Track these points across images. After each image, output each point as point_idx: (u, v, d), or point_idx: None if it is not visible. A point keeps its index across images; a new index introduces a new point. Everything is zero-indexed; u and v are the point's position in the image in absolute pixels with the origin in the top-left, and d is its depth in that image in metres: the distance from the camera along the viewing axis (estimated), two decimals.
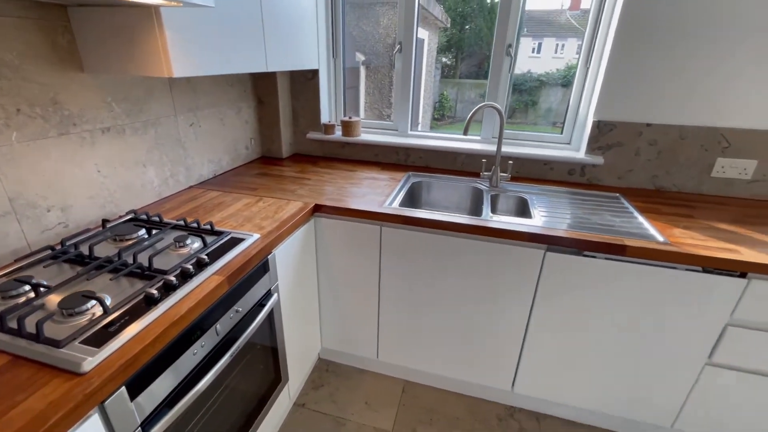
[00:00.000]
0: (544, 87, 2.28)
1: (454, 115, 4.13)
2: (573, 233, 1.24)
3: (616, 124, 1.63)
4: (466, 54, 3.93)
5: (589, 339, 1.35)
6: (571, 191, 1.66)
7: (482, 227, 1.28)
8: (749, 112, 1.48)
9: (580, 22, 1.80)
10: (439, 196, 1.81)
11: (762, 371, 1.22)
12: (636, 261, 1.20)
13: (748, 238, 1.24)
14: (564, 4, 2.25)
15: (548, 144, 1.87)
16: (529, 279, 1.32)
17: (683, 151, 1.59)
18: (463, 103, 3.14)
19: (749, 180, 1.57)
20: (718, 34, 1.41)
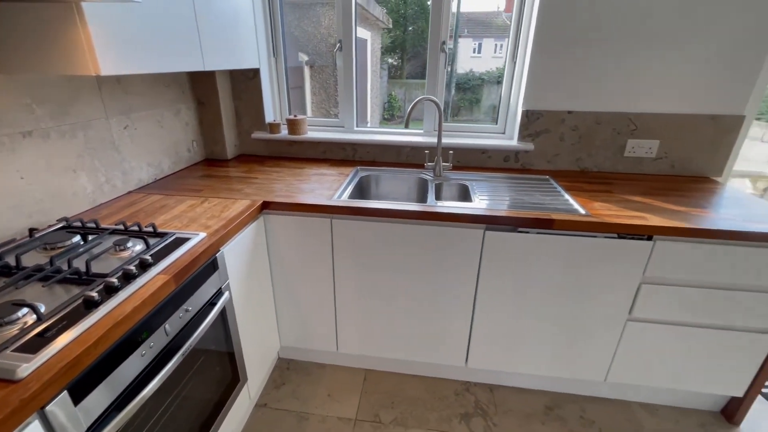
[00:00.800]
0: (485, 85, 2.42)
1: (404, 115, 4.23)
2: (508, 212, 1.35)
3: (542, 112, 1.79)
4: (410, 55, 4.05)
5: (528, 308, 1.47)
6: (507, 176, 1.79)
7: (426, 212, 1.36)
8: (651, 98, 1.69)
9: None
10: (387, 188, 1.88)
11: (673, 321, 1.41)
12: (563, 233, 1.33)
13: (654, 207, 1.42)
14: (500, 6, 2.41)
15: (485, 134, 2.00)
16: (472, 257, 1.41)
17: (599, 134, 1.78)
18: (411, 103, 3.24)
19: (654, 158, 1.79)
20: (624, 32, 1.60)
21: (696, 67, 1.62)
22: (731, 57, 1.59)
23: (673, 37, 1.58)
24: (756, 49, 1.56)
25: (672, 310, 1.39)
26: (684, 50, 1.60)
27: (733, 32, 1.55)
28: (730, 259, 1.27)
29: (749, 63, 1.59)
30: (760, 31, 1.54)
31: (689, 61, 1.61)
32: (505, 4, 2.11)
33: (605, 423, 1.55)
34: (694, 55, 1.60)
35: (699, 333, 1.40)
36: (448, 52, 1.87)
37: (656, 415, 1.58)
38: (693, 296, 1.35)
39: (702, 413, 1.59)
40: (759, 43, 1.55)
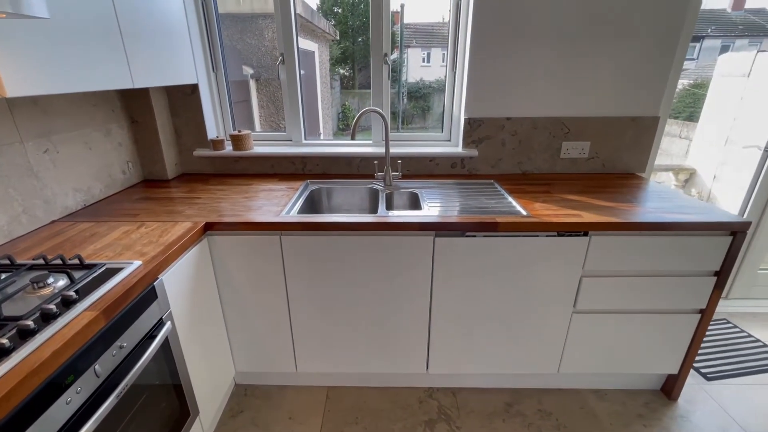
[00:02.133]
0: (435, 93, 2.47)
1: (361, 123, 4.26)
2: (455, 218, 1.39)
3: (483, 120, 1.86)
4: (361, 65, 4.07)
5: (481, 309, 1.51)
6: (455, 182, 1.84)
7: (377, 223, 1.36)
8: (580, 103, 1.82)
9: None
10: (339, 200, 1.87)
11: (612, 309, 1.50)
12: (507, 234, 1.39)
13: (588, 205, 1.52)
14: (444, 17, 2.49)
15: (432, 142, 2.05)
16: (424, 264, 1.43)
17: (537, 138, 1.89)
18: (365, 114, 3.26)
19: (587, 158, 1.92)
20: (552, 42, 1.71)
21: (616, 74, 1.77)
22: (644, 65, 1.75)
23: (595, 48, 1.72)
24: (664, 58, 1.74)
25: (610, 299, 1.48)
26: (605, 59, 1.74)
27: (644, 44, 1.71)
28: (655, 248, 1.39)
29: (659, 70, 1.76)
30: (665, 43, 1.71)
31: (610, 69, 1.76)
32: (449, 15, 2.19)
33: (561, 413, 1.61)
34: (613, 63, 1.75)
35: (635, 318, 1.51)
36: (392, 63, 1.90)
37: (606, 399, 1.68)
38: (627, 285, 1.45)
39: (645, 393, 1.71)
40: (665, 54, 1.73)
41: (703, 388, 1.73)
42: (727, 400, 1.67)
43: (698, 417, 1.59)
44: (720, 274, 1.43)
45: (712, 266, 1.42)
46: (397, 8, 2.14)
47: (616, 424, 1.56)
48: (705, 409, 1.62)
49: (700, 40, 12.38)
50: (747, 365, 1.86)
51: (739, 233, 1.36)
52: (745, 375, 1.80)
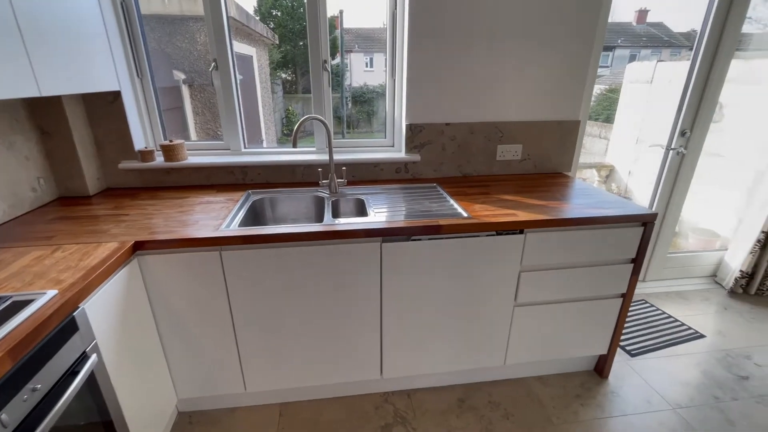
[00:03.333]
0: (380, 97, 2.48)
1: (304, 129, 4.15)
2: (401, 223, 1.41)
3: (423, 125, 1.92)
4: (304, 70, 4.00)
5: (430, 309, 1.55)
6: (399, 187, 1.87)
7: (323, 232, 1.34)
8: (511, 108, 1.94)
9: None
10: (283, 210, 1.82)
11: (549, 300, 1.62)
12: (450, 236, 1.44)
13: (523, 204, 1.62)
14: (385, 23, 2.52)
15: (376, 148, 2.07)
16: (373, 270, 1.44)
17: (474, 142, 1.98)
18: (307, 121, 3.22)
19: (520, 159, 2.06)
20: (485, 51, 1.81)
21: (542, 81, 1.91)
22: (565, 73, 1.91)
23: (523, 57, 1.85)
24: (581, 67, 1.91)
25: (546, 291, 1.59)
26: (532, 68, 1.88)
27: (565, 53, 1.87)
28: (581, 241, 1.52)
29: (578, 78, 1.93)
30: (582, 53, 1.88)
31: (536, 77, 1.90)
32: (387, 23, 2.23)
33: (509, 402, 1.70)
34: (539, 72, 1.89)
35: (568, 307, 1.64)
36: (334, 68, 1.89)
37: (548, 384, 1.80)
38: (559, 277, 1.57)
39: (581, 374, 1.86)
40: (582, 63, 1.90)
41: (629, 363, 1.92)
42: (649, 372, 1.86)
43: (626, 391, 1.76)
44: (636, 260, 1.59)
45: (629, 254, 1.58)
46: (335, 13, 2.14)
47: (558, 407, 1.68)
48: (631, 383, 1.80)
49: (612, 49, 13.81)
50: (663, 339, 2.09)
51: (649, 224, 1.53)
52: (662, 348, 2.03)
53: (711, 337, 2.12)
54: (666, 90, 3.77)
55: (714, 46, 2.09)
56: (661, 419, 1.62)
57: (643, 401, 1.70)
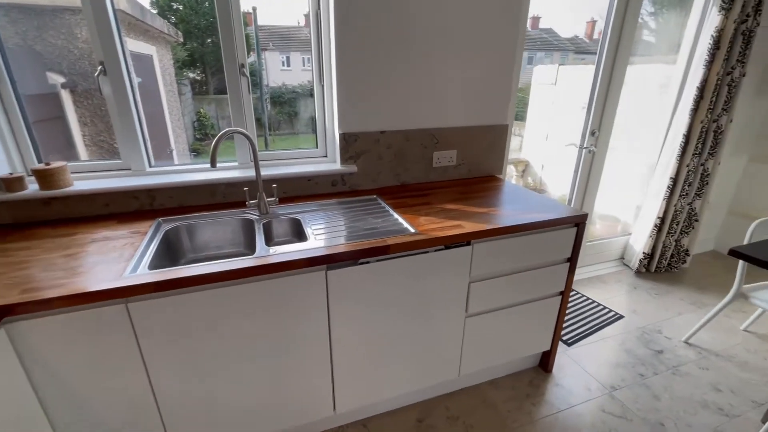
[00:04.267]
0: (301, 98, 2.28)
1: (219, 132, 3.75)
2: (346, 246, 1.29)
3: (358, 134, 1.81)
4: (215, 69, 3.59)
5: (382, 333, 1.45)
6: (337, 201, 1.74)
7: (257, 267, 1.16)
8: (444, 115, 1.92)
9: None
10: (205, 238, 1.57)
11: (497, 307, 1.62)
12: (399, 255, 1.35)
13: (465, 213, 1.59)
14: (300, 21, 2.33)
15: (308, 160, 1.91)
16: (318, 302, 1.29)
17: (410, 150, 1.93)
18: (226, 119, 2.92)
19: (456, 165, 2.05)
20: (416, 57, 1.74)
21: (472, 87, 1.92)
22: (493, 79, 1.94)
23: (454, 64, 1.83)
24: (506, 73, 1.96)
25: (494, 298, 1.60)
26: (463, 75, 1.87)
27: (492, 61, 1.90)
28: (523, 247, 1.54)
29: (503, 84, 1.98)
30: (506, 60, 1.93)
31: (467, 84, 1.90)
32: (304, 20, 2.06)
33: (467, 413, 1.68)
34: (470, 78, 1.89)
35: (515, 310, 1.66)
36: (249, 67, 1.68)
37: (500, 387, 1.82)
38: (506, 283, 1.58)
39: (528, 372, 1.91)
40: (507, 70, 1.95)
41: (567, 353, 2.03)
42: (585, 359, 1.99)
43: (568, 381, 1.85)
44: (571, 259, 1.67)
45: (565, 254, 1.65)
46: (248, 9, 1.91)
47: (512, 410, 1.70)
48: (572, 373, 1.90)
49: None
50: (592, 325, 2.26)
51: (581, 224, 1.61)
52: (592, 333, 2.19)
53: (628, 316, 2.35)
54: (568, 91, 4.16)
55: (613, 52, 2.31)
56: (602, 404, 1.73)
57: (584, 389, 1.80)
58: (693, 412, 1.69)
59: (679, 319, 2.32)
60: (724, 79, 2.36)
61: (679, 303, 2.49)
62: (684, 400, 1.75)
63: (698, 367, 1.95)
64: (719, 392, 1.80)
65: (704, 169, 2.58)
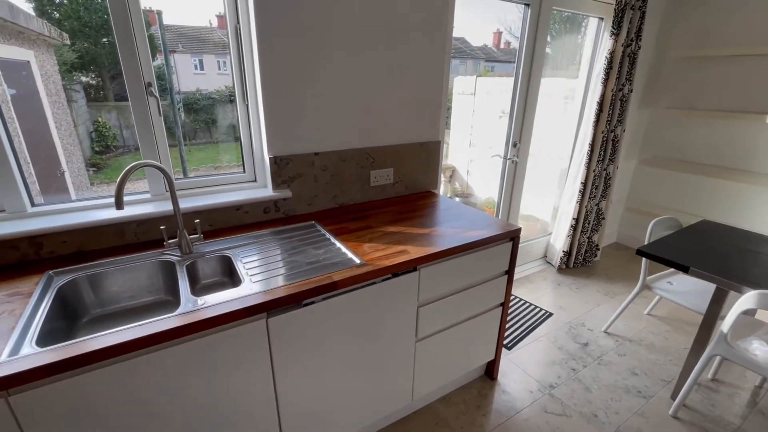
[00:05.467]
0: (219, 104, 2.09)
1: (125, 144, 3.25)
2: (287, 287, 1.17)
3: (290, 157, 1.69)
4: (114, 71, 3.16)
5: (333, 373, 1.36)
6: (272, 231, 1.60)
7: (182, 327, 0.99)
8: (378, 134, 1.89)
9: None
10: (114, 288, 1.33)
11: (444, 327, 1.62)
12: (347, 290, 1.27)
13: (408, 235, 1.57)
14: (212, 22, 2.11)
15: (235, 185, 1.73)
16: (260, 355, 1.16)
17: (347, 170, 1.86)
18: (131, 129, 2.57)
19: (393, 183, 2.03)
20: (345, 76, 1.68)
21: (404, 106, 1.91)
22: (423, 97, 1.96)
23: (385, 83, 1.80)
24: (436, 91, 1.99)
25: (442, 319, 1.60)
26: (395, 93, 1.85)
27: (421, 78, 1.91)
28: (466, 265, 1.56)
29: (434, 101, 2.01)
30: (435, 77, 1.95)
31: (399, 102, 1.89)
32: (217, 21, 1.88)
33: None
34: (401, 97, 1.88)
35: (462, 327, 1.68)
36: (157, 71, 1.47)
37: (451, 403, 1.83)
38: (452, 303, 1.59)
39: (476, 382, 1.96)
40: (437, 88, 1.98)
41: (508, 358, 2.13)
42: (524, 362, 2.10)
43: (512, 387, 1.93)
44: (509, 271, 1.74)
45: (503, 267, 1.72)
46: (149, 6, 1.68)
47: (465, 424, 1.71)
48: (515, 377, 1.99)
49: None
50: (526, 326, 2.40)
51: (516, 237, 1.68)
52: (527, 335, 2.32)
53: (556, 313, 2.54)
54: (486, 100, 4.43)
55: (528, 69, 2.48)
56: (544, 405, 1.83)
57: (527, 393, 1.90)
58: (618, 399, 1.87)
59: (597, 310, 2.58)
60: (617, 95, 2.68)
61: (595, 295, 2.77)
62: (610, 389, 1.93)
63: (617, 354, 2.17)
64: (636, 376, 2.01)
65: (606, 173, 2.91)
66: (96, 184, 3.13)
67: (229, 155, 1.97)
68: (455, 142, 5.41)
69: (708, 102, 2.88)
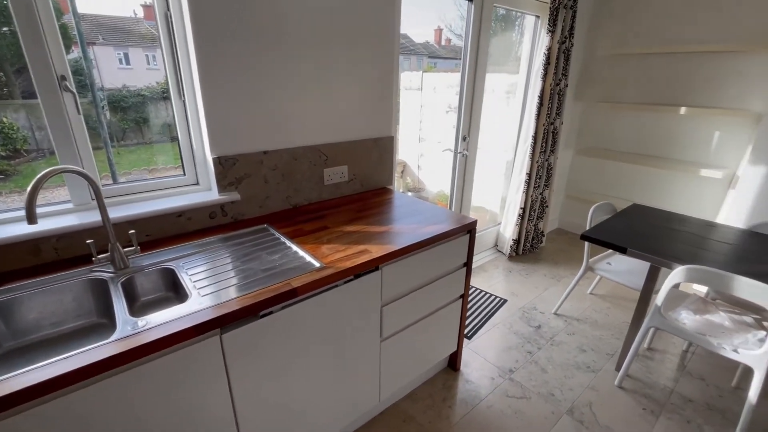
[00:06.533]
0: (150, 102, 1.91)
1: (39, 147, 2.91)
2: (242, 299, 1.08)
3: (236, 157, 1.57)
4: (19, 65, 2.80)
5: (297, 381, 1.29)
6: (220, 238, 1.48)
7: (120, 354, 0.87)
8: (331, 130, 1.82)
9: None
10: (32, 316, 1.15)
11: (408, 324, 1.61)
12: (308, 295, 1.21)
13: (368, 234, 1.53)
14: (137, 12, 1.91)
15: (175, 191, 1.58)
16: (215, 373, 1.06)
17: (299, 169, 1.77)
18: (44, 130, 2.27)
19: (348, 180, 1.98)
20: (295, 67, 1.58)
21: (355, 101, 1.86)
22: (375, 92, 1.92)
23: (335, 77, 1.73)
24: (387, 85, 1.96)
25: (406, 316, 1.58)
26: (345, 88, 1.79)
27: (372, 72, 1.86)
28: (426, 260, 1.56)
29: (386, 95, 1.98)
30: (386, 72, 1.92)
31: (350, 97, 1.83)
32: (143, 11, 1.70)
33: None
34: (352, 91, 1.82)
35: (425, 322, 1.68)
36: (72, 65, 1.29)
37: (418, 399, 1.83)
38: (415, 299, 1.58)
39: (440, 375, 1.98)
40: (387, 82, 1.95)
41: (469, 347, 2.18)
42: (484, 350, 2.16)
43: (475, 376, 1.98)
44: (467, 263, 1.77)
45: (462, 260, 1.74)
46: None
47: (432, 419, 1.72)
48: (476, 366, 2.04)
49: None
50: (484, 314, 2.47)
51: (473, 230, 1.71)
52: (485, 323, 2.39)
53: (510, 299, 2.65)
54: (432, 95, 4.50)
55: (474, 65, 2.54)
56: (506, 390, 1.89)
57: (489, 380, 1.95)
58: (571, 376, 1.99)
59: (546, 294, 2.72)
60: (555, 89, 2.83)
61: (543, 279, 2.93)
62: (563, 367, 2.04)
63: (567, 333, 2.31)
64: (584, 352, 2.16)
65: (548, 164, 3.08)
66: (5, 194, 2.76)
67: (165, 156, 1.79)
68: (405, 137, 5.45)
69: (631, 96, 3.15)
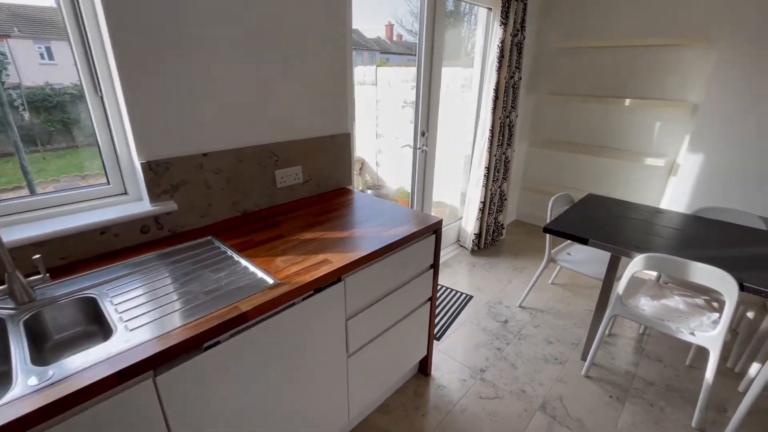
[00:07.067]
0: (79, 101, 1.63)
1: None
2: (180, 331, 0.91)
3: (170, 161, 1.36)
4: None
5: (254, 412, 1.14)
6: (156, 255, 1.28)
7: (18, 421, 0.68)
8: (281, 127, 1.65)
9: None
10: None
11: (376, 334, 1.50)
12: (262, 318, 1.06)
13: (327, 241, 1.39)
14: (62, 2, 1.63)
15: (98, 203, 1.35)
16: (149, 420, 0.89)
17: (247, 172, 1.59)
18: None
19: (302, 182, 1.82)
20: (235, 61, 1.40)
21: (307, 96, 1.70)
22: (329, 86, 1.77)
23: (286, 70, 1.56)
24: (341, 79, 1.82)
25: (373, 327, 1.47)
26: (297, 83, 1.63)
27: (324, 66, 1.71)
28: (392, 265, 1.45)
29: (340, 90, 1.84)
30: (339, 65, 1.78)
31: (302, 92, 1.67)
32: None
33: None
34: (304, 85, 1.66)
35: (392, 331, 1.58)
36: None
37: (389, 411, 1.73)
38: (381, 307, 1.47)
39: (411, 383, 1.89)
40: (341, 76, 1.81)
41: (438, 348, 2.11)
42: (454, 350, 2.10)
43: (446, 379, 1.91)
44: (434, 264, 1.69)
45: (429, 261, 1.65)
46: None
47: (405, 430, 1.63)
48: (447, 368, 1.98)
49: None
50: (450, 313, 2.42)
51: (438, 230, 1.63)
52: (452, 322, 2.34)
53: (476, 295, 2.62)
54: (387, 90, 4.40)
55: (429, 59, 2.46)
56: (478, 391, 1.84)
57: (461, 382, 1.90)
58: (540, 369, 1.98)
59: (510, 287, 2.73)
60: (509, 82, 2.83)
61: (506, 272, 2.94)
62: (532, 361, 2.04)
63: (533, 326, 2.32)
64: (551, 344, 2.17)
65: (506, 157, 3.09)
66: None
67: (96, 161, 1.55)
68: (362, 133, 5.32)
69: (581, 88, 3.24)
